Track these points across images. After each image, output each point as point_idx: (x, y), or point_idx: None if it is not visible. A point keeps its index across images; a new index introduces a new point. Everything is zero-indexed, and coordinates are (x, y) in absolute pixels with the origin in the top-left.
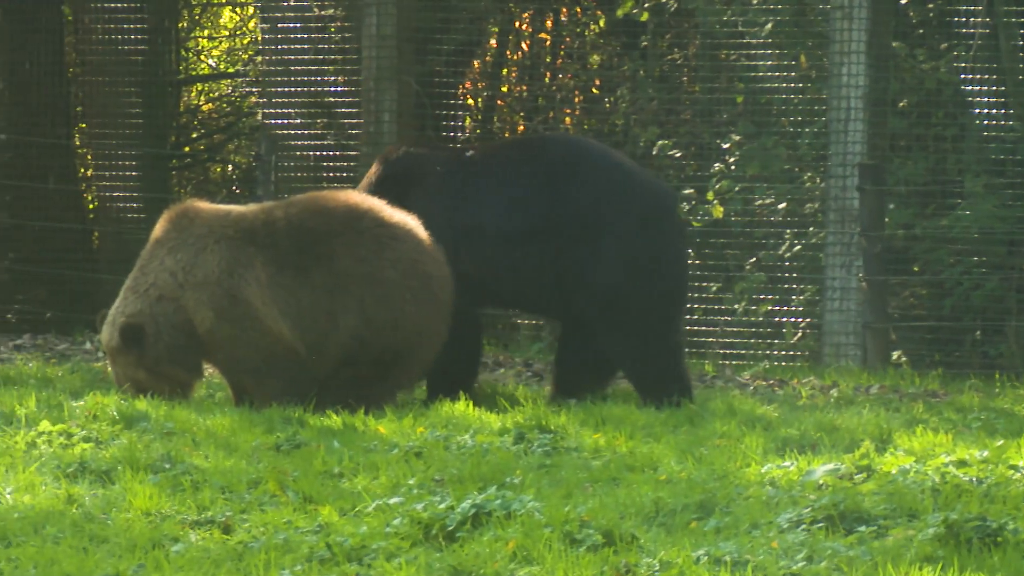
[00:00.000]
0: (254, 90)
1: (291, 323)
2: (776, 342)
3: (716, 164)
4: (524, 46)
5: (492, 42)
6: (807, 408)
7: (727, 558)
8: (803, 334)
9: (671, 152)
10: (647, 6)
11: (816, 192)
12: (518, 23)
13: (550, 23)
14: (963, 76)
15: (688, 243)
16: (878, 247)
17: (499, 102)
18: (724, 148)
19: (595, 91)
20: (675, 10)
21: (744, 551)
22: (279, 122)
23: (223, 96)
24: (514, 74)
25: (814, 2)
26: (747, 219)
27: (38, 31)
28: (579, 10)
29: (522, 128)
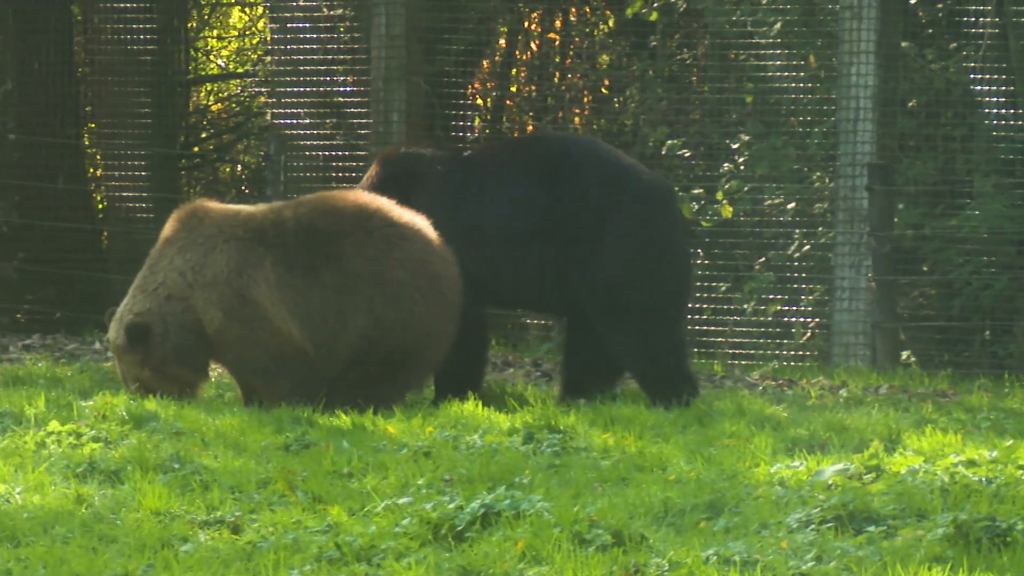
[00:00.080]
0: (263, 90)
1: (300, 323)
2: (785, 342)
3: (725, 164)
4: (533, 46)
5: (501, 42)
6: (816, 408)
7: (736, 558)
8: (812, 334)
9: (680, 152)
10: (656, 6)
11: (825, 192)
12: (527, 23)
13: (559, 23)
14: (972, 76)
15: (688, 238)
16: (887, 247)
17: (508, 102)
18: (733, 148)
19: (604, 91)
20: (684, 10)
21: (753, 551)
22: (288, 122)
23: (232, 96)
24: (523, 74)
25: (823, 2)
26: (756, 219)
27: (47, 31)
28: (588, 10)
29: (531, 128)
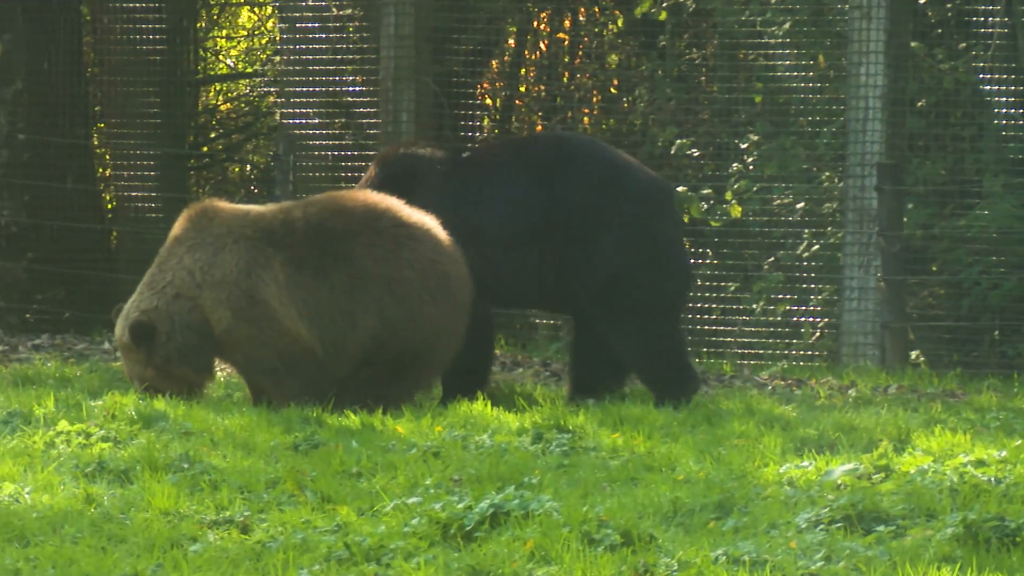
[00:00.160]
0: (272, 90)
1: (309, 323)
2: (794, 342)
3: (734, 164)
4: (542, 46)
5: (510, 42)
6: (825, 408)
7: (745, 558)
8: (821, 334)
9: (689, 152)
10: (665, 6)
11: (834, 192)
12: (536, 23)
13: (568, 23)
14: (981, 76)
15: (685, 237)
16: (896, 247)
17: (517, 102)
18: (742, 148)
19: (613, 91)
20: (693, 10)
21: (762, 551)
22: (297, 122)
23: (241, 96)
24: (532, 74)
25: (832, 2)
26: (765, 219)
27: (56, 31)
28: (597, 10)
29: (540, 128)
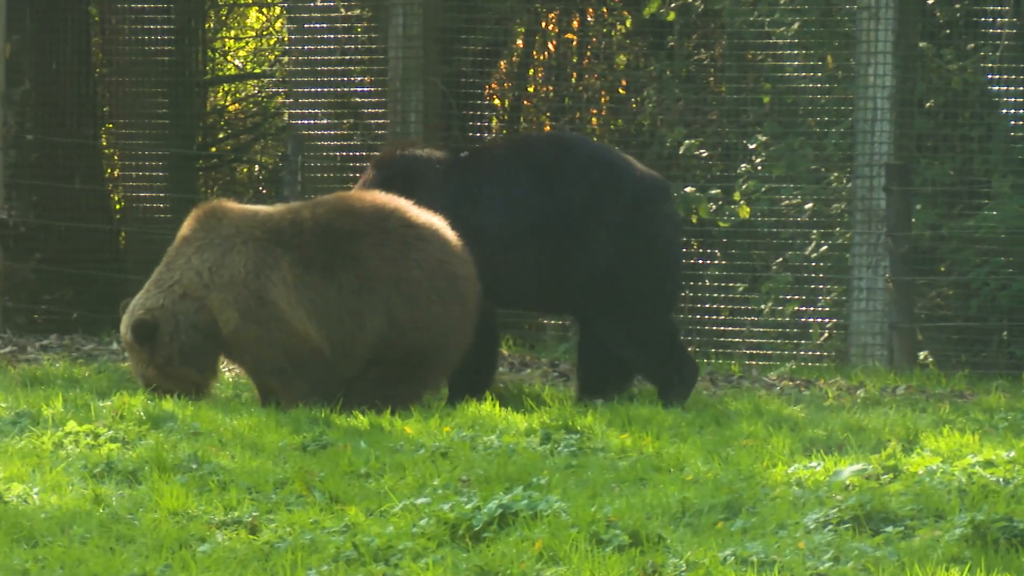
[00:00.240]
0: (280, 90)
1: (317, 324)
2: (802, 342)
3: (743, 164)
4: (550, 46)
5: (518, 42)
6: (833, 409)
7: (754, 558)
8: (829, 334)
9: (697, 152)
10: (673, 6)
11: (843, 192)
12: (544, 23)
13: (576, 23)
14: (990, 76)
15: (681, 235)
16: (905, 247)
17: (525, 102)
18: (751, 148)
19: (621, 91)
20: (702, 10)
21: (771, 551)
22: (305, 122)
23: (250, 96)
24: (540, 74)
25: (841, 2)
26: (773, 219)
27: (65, 31)
28: (605, 10)
29: (548, 129)
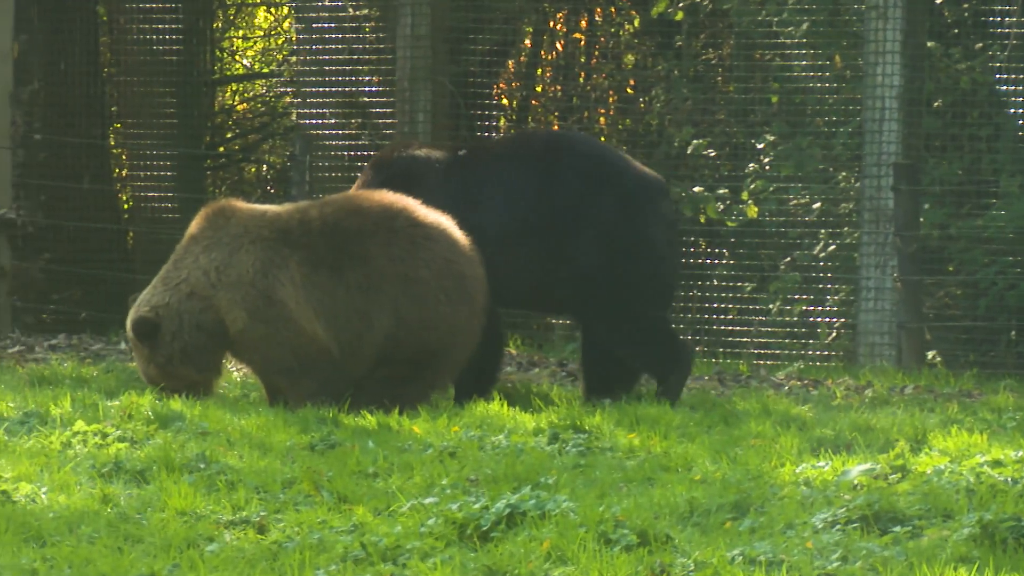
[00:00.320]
0: (289, 90)
1: (325, 323)
2: (811, 342)
3: (751, 164)
4: (558, 46)
5: (526, 42)
6: (842, 408)
7: (762, 558)
8: (838, 334)
9: (706, 152)
10: (681, 6)
11: (851, 192)
12: (552, 23)
13: (584, 23)
14: (998, 76)
15: (676, 233)
16: (913, 247)
17: (533, 102)
18: (759, 148)
19: (629, 91)
20: (710, 10)
21: (779, 551)
22: (314, 122)
23: (258, 96)
24: (548, 74)
25: (849, 2)
26: (782, 219)
27: (73, 31)
28: (613, 10)
29: (556, 128)
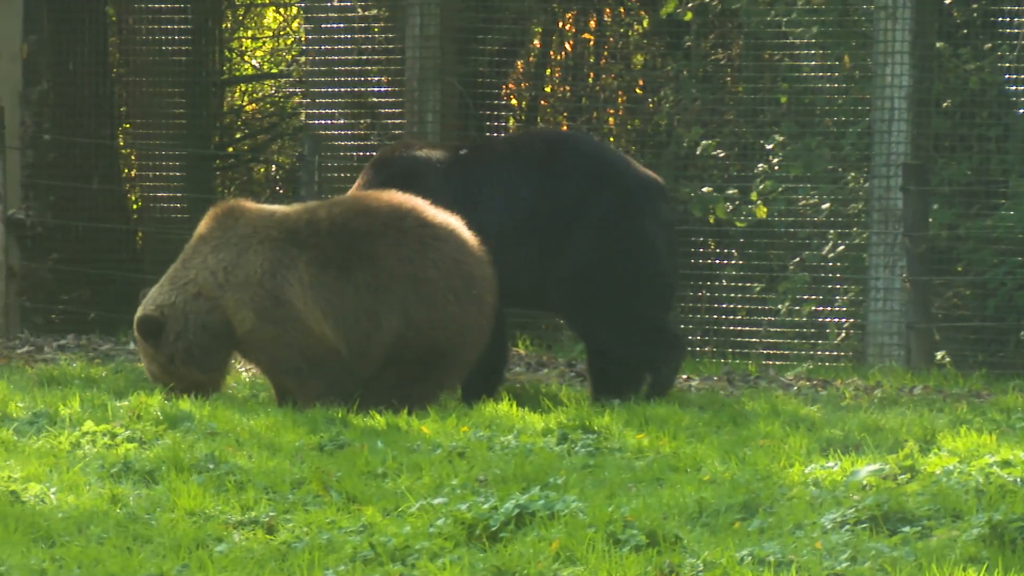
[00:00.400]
0: (297, 90)
1: (334, 323)
2: (820, 342)
3: (760, 164)
4: (567, 46)
5: (535, 42)
6: (851, 408)
7: (771, 558)
8: (847, 334)
9: (715, 152)
10: (691, 6)
11: (860, 192)
12: (561, 23)
13: (594, 23)
14: (1007, 76)
15: (674, 233)
16: (922, 247)
17: (542, 102)
18: (768, 148)
19: (638, 91)
20: (719, 10)
21: (788, 551)
22: (322, 122)
23: (267, 96)
24: (557, 74)
25: (858, 2)
26: (790, 219)
27: (82, 32)
28: (622, 10)
29: (565, 128)
